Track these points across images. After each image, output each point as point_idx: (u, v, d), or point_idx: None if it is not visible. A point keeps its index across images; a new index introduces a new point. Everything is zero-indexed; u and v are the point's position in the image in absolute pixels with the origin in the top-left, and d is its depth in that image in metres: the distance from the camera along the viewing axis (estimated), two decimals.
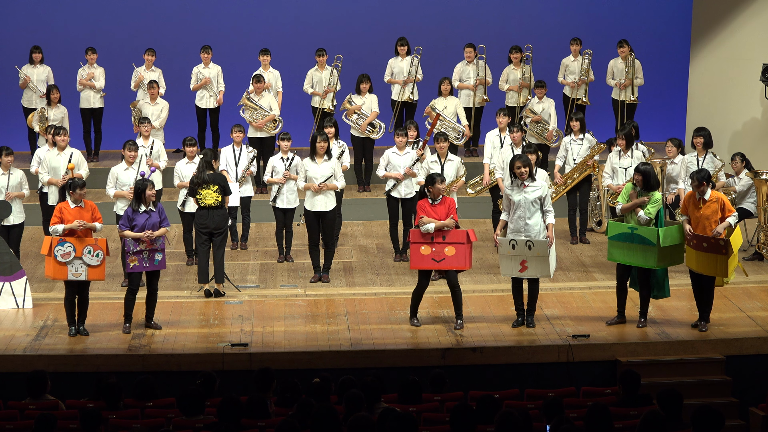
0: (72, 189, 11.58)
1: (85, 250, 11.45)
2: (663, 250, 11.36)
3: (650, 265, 11.45)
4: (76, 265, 11.45)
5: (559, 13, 19.24)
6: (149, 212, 11.63)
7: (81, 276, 11.47)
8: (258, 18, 19.08)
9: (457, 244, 11.56)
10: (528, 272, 11.57)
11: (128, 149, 13.37)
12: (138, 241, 11.49)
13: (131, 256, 11.50)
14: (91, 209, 11.65)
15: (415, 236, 11.64)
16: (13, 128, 17.80)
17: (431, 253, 11.59)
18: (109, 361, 11.12)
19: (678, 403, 8.27)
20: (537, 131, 16.24)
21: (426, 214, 11.64)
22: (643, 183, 11.50)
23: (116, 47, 18.32)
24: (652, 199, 11.48)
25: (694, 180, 11.39)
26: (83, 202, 11.63)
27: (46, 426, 8.35)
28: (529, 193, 11.52)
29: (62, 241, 11.40)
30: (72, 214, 11.54)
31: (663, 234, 11.31)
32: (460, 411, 8.05)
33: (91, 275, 11.53)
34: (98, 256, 11.50)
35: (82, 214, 11.56)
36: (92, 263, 11.48)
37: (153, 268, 11.65)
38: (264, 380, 9.60)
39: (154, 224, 11.61)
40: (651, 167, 11.73)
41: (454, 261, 11.57)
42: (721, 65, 17.98)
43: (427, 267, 11.68)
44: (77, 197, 11.59)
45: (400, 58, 17.26)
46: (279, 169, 13.92)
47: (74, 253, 11.41)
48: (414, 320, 11.95)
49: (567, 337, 11.53)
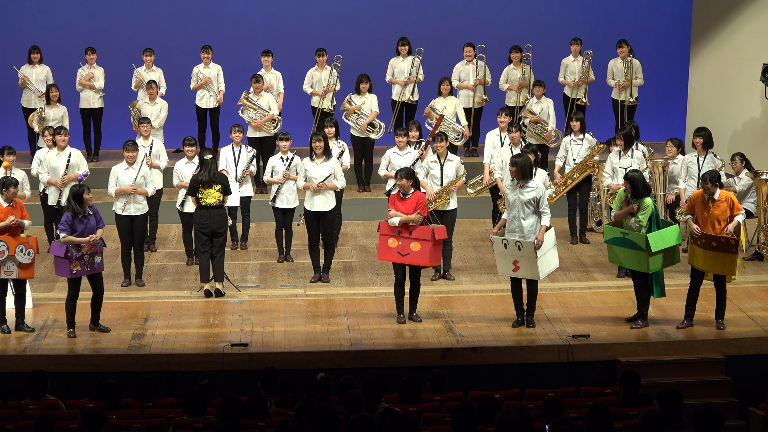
0: (5, 187, 11.66)
1: (18, 248, 11.53)
2: (654, 255, 11.39)
3: (643, 269, 11.51)
4: (8, 265, 11.52)
5: (559, 13, 19.23)
6: (87, 216, 11.59)
7: (12, 275, 11.56)
8: (258, 18, 19.08)
9: (422, 240, 11.71)
10: (520, 272, 11.62)
11: (128, 150, 13.37)
12: (79, 246, 11.48)
13: (74, 261, 11.46)
14: (20, 208, 11.79)
15: (384, 228, 11.90)
16: (13, 128, 17.80)
17: (397, 246, 11.81)
18: (109, 361, 11.12)
19: (678, 403, 8.27)
20: (536, 131, 16.23)
21: (395, 208, 11.84)
22: (632, 191, 11.52)
23: (116, 47, 18.31)
24: (642, 206, 11.48)
25: (706, 182, 11.42)
26: (14, 201, 11.73)
27: (46, 426, 8.34)
28: (524, 193, 11.53)
29: None
30: (4, 213, 11.63)
31: (652, 240, 11.34)
32: (461, 411, 8.05)
33: (22, 274, 11.61)
34: (29, 255, 11.59)
35: (13, 213, 11.67)
36: (24, 261, 11.56)
37: (94, 271, 11.64)
38: (269, 380, 9.60)
39: (93, 227, 11.59)
40: (640, 174, 11.69)
41: (419, 257, 11.73)
42: (721, 65, 17.98)
43: (392, 260, 11.90)
44: (9, 196, 11.67)
45: (401, 58, 17.26)
46: (278, 169, 13.92)
47: (8, 252, 11.48)
48: (400, 316, 12.00)
49: (567, 337, 11.53)
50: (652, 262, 11.41)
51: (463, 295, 12.92)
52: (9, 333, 11.72)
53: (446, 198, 13.17)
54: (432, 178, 13.27)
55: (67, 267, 11.47)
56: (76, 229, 11.51)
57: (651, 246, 11.33)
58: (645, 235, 11.35)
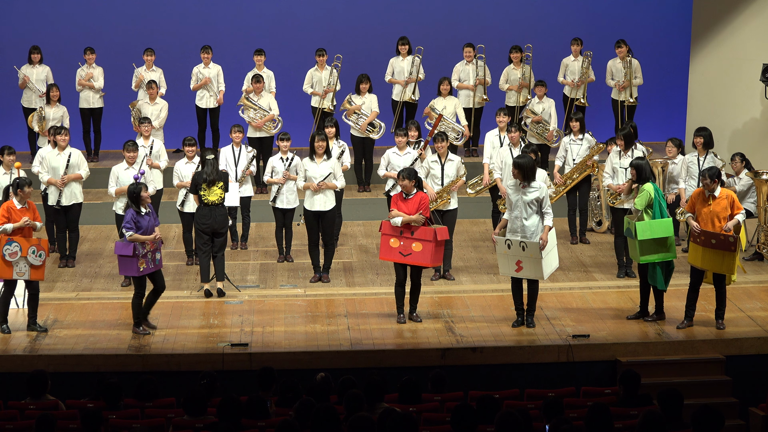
0: (20, 188, 11.68)
1: (30, 250, 11.56)
2: (643, 244, 11.48)
3: (635, 258, 11.69)
4: (21, 265, 11.54)
5: (559, 13, 19.24)
6: (148, 214, 11.69)
7: (24, 276, 11.59)
8: (258, 18, 19.08)
9: (424, 241, 11.72)
10: (523, 272, 11.63)
11: (128, 150, 13.37)
12: (144, 243, 11.52)
13: (141, 259, 11.50)
14: (33, 209, 11.82)
15: (386, 228, 11.90)
16: (13, 128, 17.80)
17: (399, 246, 11.82)
18: (109, 361, 11.12)
19: (678, 403, 8.27)
20: (537, 131, 16.24)
21: (397, 208, 11.86)
22: (637, 176, 11.78)
23: (116, 47, 18.31)
24: (639, 190, 11.69)
25: (705, 177, 11.46)
26: (27, 202, 11.76)
27: (47, 426, 8.34)
28: (527, 194, 11.53)
29: (10, 240, 11.50)
30: (18, 214, 11.65)
31: (640, 228, 11.51)
32: (461, 411, 8.05)
33: (33, 275, 11.65)
34: (41, 257, 11.63)
35: (27, 214, 11.70)
36: (35, 263, 11.61)
37: (157, 267, 11.75)
38: (266, 379, 9.60)
39: (152, 225, 11.71)
40: (645, 161, 11.98)
41: (420, 257, 11.74)
42: (721, 65, 17.98)
43: (393, 259, 11.91)
44: (23, 197, 11.69)
45: (401, 58, 17.26)
46: (278, 169, 13.92)
47: (20, 252, 11.50)
48: (400, 316, 12.00)
49: (567, 337, 11.54)
50: (642, 250, 11.52)
51: (463, 295, 12.92)
52: (9, 333, 11.72)
53: (447, 198, 13.17)
54: (433, 178, 13.27)
55: (135, 265, 11.51)
56: (140, 227, 11.55)
57: (638, 234, 11.46)
58: (635, 223, 11.49)
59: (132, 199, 11.65)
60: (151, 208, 11.82)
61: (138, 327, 11.72)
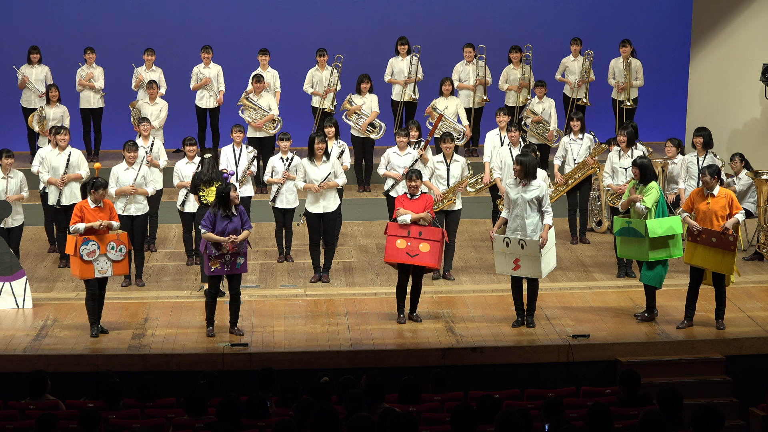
0: (95, 188, 11.62)
1: (109, 246, 11.51)
2: (654, 241, 11.45)
3: (644, 257, 11.60)
4: (101, 262, 11.49)
5: (559, 13, 19.23)
6: (230, 216, 11.44)
7: (107, 273, 11.53)
8: (258, 18, 19.08)
9: (432, 241, 11.69)
10: (521, 271, 11.62)
11: (128, 150, 13.37)
12: (218, 245, 11.39)
13: (212, 259, 11.38)
14: (109, 209, 11.72)
15: (392, 229, 11.81)
16: (13, 128, 17.80)
17: (406, 247, 11.74)
18: (109, 361, 11.11)
19: (678, 403, 8.27)
20: (538, 131, 16.24)
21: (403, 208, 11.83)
22: (641, 176, 11.73)
23: (116, 47, 18.31)
24: (647, 189, 11.61)
25: (705, 174, 11.46)
26: (103, 202, 11.68)
27: (47, 426, 8.34)
28: (527, 192, 11.54)
29: (86, 240, 11.43)
30: (92, 214, 11.57)
31: (651, 226, 11.47)
32: (461, 411, 8.06)
33: (116, 270, 11.60)
34: (121, 251, 11.57)
35: (101, 214, 11.62)
36: (116, 258, 11.55)
37: (234, 271, 11.50)
38: (266, 380, 9.60)
39: (236, 229, 11.41)
40: (648, 160, 11.95)
41: (427, 258, 11.70)
42: (721, 65, 17.98)
43: (400, 260, 11.81)
44: (98, 197, 11.62)
45: (401, 58, 17.25)
46: (278, 169, 13.92)
47: (99, 250, 11.45)
48: (400, 317, 11.99)
49: (567, 337, 11.54)
50: (652, 248, 11.47)
51: (463, 295, 12.92)
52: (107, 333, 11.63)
53: (452, 198, 13.19)
54: (438, 179, 13.29)
55: (205, 263, 11.46)
56: (217, 227, 11.38)
57: (649, 231, 11.42)
58: (644, 222, 11.44)
59: (220, 199, 11.41)
60: (242, 211, 11.50)
61: (209, 327, 11.61)
